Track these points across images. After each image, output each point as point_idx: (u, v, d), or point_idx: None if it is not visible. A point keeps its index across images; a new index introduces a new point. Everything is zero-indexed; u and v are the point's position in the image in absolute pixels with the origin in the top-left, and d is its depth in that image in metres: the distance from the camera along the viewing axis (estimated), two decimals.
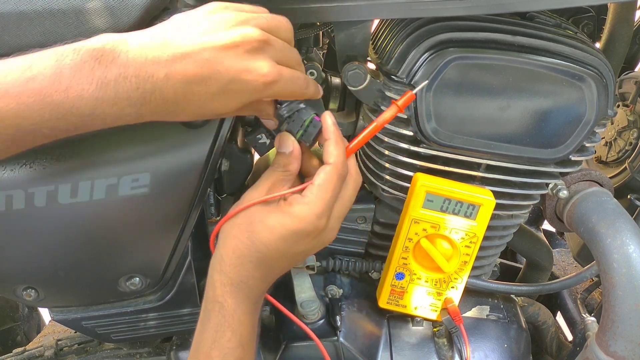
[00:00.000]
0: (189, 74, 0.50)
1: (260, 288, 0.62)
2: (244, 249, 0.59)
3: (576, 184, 0.82)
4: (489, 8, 0.66)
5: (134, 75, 0.49)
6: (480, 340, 0.84)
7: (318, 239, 0.61)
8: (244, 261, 0.59)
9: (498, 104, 0.70)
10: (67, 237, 0.67)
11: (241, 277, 0.60)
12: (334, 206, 0.61)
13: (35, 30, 0.58)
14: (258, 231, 0.58)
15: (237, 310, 0.59)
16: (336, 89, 0.83)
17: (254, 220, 0.59)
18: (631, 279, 0.69)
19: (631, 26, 0.90)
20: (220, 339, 0.59)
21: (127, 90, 0.49)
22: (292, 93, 0.58)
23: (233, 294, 0.59)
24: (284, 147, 0.62)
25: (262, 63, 0.52)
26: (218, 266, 0.60)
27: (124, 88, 0.49)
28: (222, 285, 0.60)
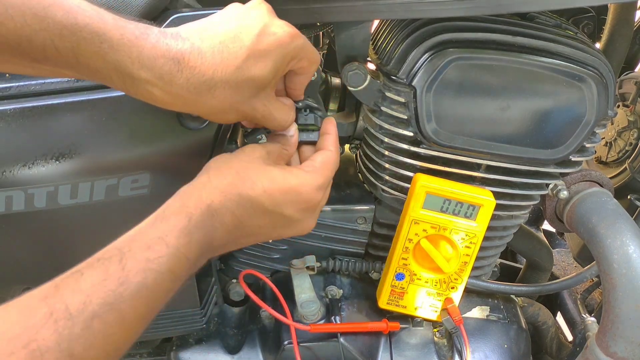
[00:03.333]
0: (220, 32, 0.51)
1: (223, 238, 0.55)
2: (240, 184, 0.54)
3: (576, 185, 0.82)
4: (489, 9, 0.66)
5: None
6: (480, 340, 0.83)
7: (305, 214, 0.59)
8: (231, 197, 0.54)
9: (498, 104, 0.70)
10: (67, 238, 0.67)
11: (219, 209, 0.53)
12: (324, 194, 0.60)
13: None
14: (260, 176, 0.55)
15: (191, 242, 0.51)
16: (336, 89, 0.83)
17: (257, 166, 0.56)
18: (631, 279, 0.69)
19: (631, 26, 0.90)
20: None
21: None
22: (313, 52, 0.58)
23: (202, 221, 0.52)
24: (286, 130, 0.62)
25: (280, 21, 0.54)
26: (200, 186, 0.54)
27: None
28: (195, 205, 0.52)
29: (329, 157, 0.60)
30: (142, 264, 0.46)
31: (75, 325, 0.41)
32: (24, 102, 0.58)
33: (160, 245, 0.48)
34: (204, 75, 0.50)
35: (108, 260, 0.45)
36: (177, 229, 0.50)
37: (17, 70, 0.50)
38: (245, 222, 0.55)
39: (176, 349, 0.84)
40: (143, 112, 0.61)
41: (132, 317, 0.45)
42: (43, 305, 0.41)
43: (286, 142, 0.62)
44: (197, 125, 0.63)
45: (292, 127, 0.62)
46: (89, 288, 0.43)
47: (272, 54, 0.53)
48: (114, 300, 0.44)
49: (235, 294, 0.88)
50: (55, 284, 0.43)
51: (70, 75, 0.53)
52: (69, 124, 0.60)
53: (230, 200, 0.53)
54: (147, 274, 0.46)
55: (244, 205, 0.54)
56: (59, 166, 0.61)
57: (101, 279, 0.44)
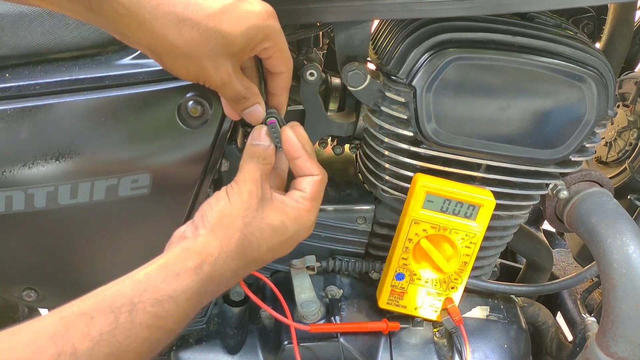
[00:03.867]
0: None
1: (223, 286, 0.56)
2: (247, 248, 0.57)
3: (576, 185, 0.82)
4: (489, 9, 0.66)
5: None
6: (480, 340, 0.83)
7: (302, 239, 0.62)
8: (241, 263, 0.56)
9: (498, 104, 0.70)
10: (67, 238, 0.67)
11: (228, 271, 0.55)
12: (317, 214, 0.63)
13: (34, 31, 0.58)
14: (263, 234, 0.57)
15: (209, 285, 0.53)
16: (336, 89, 0.83)
17: (259, 221, 0.58)
18: (631, 279, 0.69)
19: (631, 26, 0.90)
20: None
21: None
22: (284, 46, 0.58)
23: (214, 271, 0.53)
24: (261, 140, 0.61)
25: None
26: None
27: None
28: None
29: (319, 182, 0.61)
30: (151, 319, 0.47)
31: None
32: (24, 102, 0.58)
33: (170, 304, 0.49)
34: (175, 6, 0.49)
35: (119, 310, 0.46)
36: (189, 292, 0.50)
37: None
38: (249, 268, 0.58)
39: (176, 349, 0.84)
40: (143, 112, 0.61)
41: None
42: (51, 345, 0.41)
43: (265, 154, 0.61)
44: (197, 125, 0.63)
45: (263, 137, 0.61)
46: (98, 336, 0.44)
47: (247, 20, 0.53)
48: (119, 352, 0.44)
49: (235, 294, 0.88)
50: (65, 324, 0.43)
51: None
52: (69, 124, 0.60)
53: (238, 267, 0.56)
54: (153, 331, 0.47)
55: (251, 265, 0.58)
56: (59, 166, 0.61)
57: (111, 327, 0.44)
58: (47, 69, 0.60)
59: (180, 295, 0.50)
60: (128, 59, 0.61)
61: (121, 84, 0.60)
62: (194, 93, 0.61)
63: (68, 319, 0.44)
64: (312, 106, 0.77)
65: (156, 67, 0.61)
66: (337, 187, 0.86)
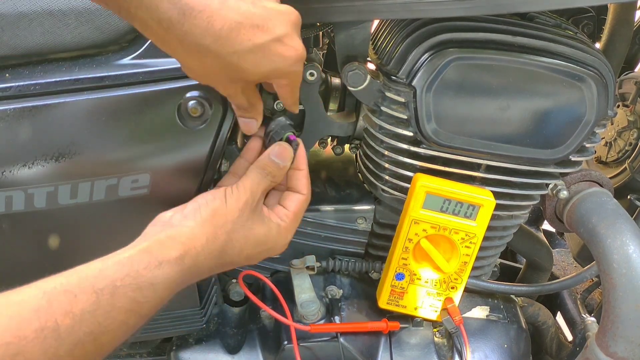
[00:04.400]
0: (243, 11, 0.50)
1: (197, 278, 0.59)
2: (229, 251, 0.59)
3: (576, 185, 0.82)
4: (489, 9, 0.66)
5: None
6: (480, 340, 0.83)
7: (262, 257, 0.65)
8: (221, 261, 0.59)
9: (498, 104, 0.70)
10: (67, 238, 0.67)
11: (207, 269, 0.58)
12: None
13: (34, 31, 0.58)
14: (247, 242, 0.60)
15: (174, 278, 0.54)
16: (336, 89, 0.83)
17: (246, 229, 0.60)
18: (631, 279, 0.69)
19: (631, 26, 0.90)
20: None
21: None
22: (298, 81, 0.60)
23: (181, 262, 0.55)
24: (282, 159, 0.63)
25: (299, 39, 0.55)
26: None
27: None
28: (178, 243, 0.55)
29: (303, 202, 0.65)
30: (130, 304, 0.49)
31: (60, 347, 0.43)
32: (24, 102, 0.58)
33: (149, 291, 0.50)
34: (203, 39, 0.49)
35: (101, 291, 0.47)
36: (168, 281, 0.52)
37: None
38: (222, 269, 0.61)
39: (176, 349, 0.84)
40: (143, 112, 0.61)
41: (107, 348, 0.48)
42: (35, 319, 0.43)
43: (278, 173, 0.64)
44: (197, 125, 0.63)
45: (286, 157, 0.64)
46: (80, 314, 0.45)
47: (272, 63, 0.54)
48: (98, 332, 0.46)
49: (235, 294, 0.88)
50: (48, 298, 0.44)
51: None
52: (69, 124, 0.60)
53: (216, 265, 0.58)
54: (130, 315, 0.49)
55: (227, 264, 0.60)
56: (59, 166, 0.61)
57: (93, 308, 0.46)
58: (47, 69, 0.60)
59: (160, 284, 0.51)
60: (128, 59, 0.61)
61: (121, 84, 0.60)
62: (194, 93, 0.61)
63: (51, 294, 0.45)
64: (312, 106, 0.77)
65: (156, 67, 0.61)
66: (337, 187, 0.86)
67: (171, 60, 0.61)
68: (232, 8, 0.49)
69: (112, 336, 0.48)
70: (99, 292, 0.47)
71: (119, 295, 0.48)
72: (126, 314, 0.48)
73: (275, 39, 0.52)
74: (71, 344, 0.44)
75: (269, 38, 0.51)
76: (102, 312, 0.46)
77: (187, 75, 0.59)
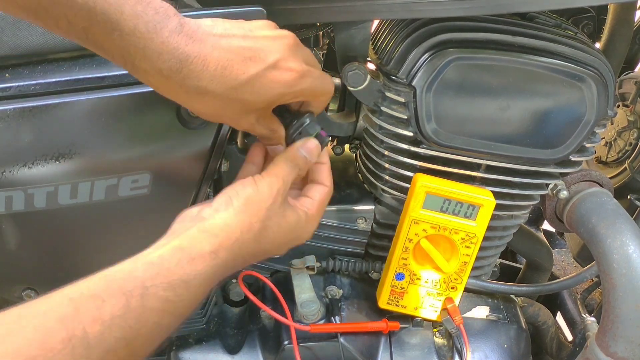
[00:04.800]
0: (233, 47, 0.52)
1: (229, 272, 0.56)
2: (262, 240, 0.57)
3: (576, 185, 0.82)
4: (489, 9, 0.66)
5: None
6: (480, 340, 0.83)
7: (291, 245, 0.63)
8: (253, 251, 0.57)
9: (498, 104, 0.70)
10: (67, 238, 0.67)
11: (240, 260, 0.56)
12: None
13: (34, 31, 0.58)
14: (279, 231, 0.58)
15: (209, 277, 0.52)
16: (336, 90, 0.83)
17: (279, 218, 0.58)
18: (631, 279, 0.69)
19: (631, 26, 0.90)
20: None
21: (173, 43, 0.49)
22: (322, 91, 0.60)
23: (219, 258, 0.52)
24: (311, 155, 0.62)
25: (297, 59, 0.56)
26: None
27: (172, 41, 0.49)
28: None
29: (327, 193, 0.64)
30: (163, 304, 0.46)
31: (90, 356, 0.41)
32: (24, 102, 0.58)
33: (182, 288, 0.48)
34: (199, 81, 0.51)
35: (130, 293, 0.45)
36: (202, 277, 0.50)
37: (27, 20, 0.50)
38: (256, 258, 0.59)
39: (176, 349, 0.84)
40: (143, 112, 0.61)
41: (141, 352, 0.46)
42: (61, 328, 0.41)
43: (305, 167, 0.62)
44: (197, 125, 0.63)
45: (314, 154, 0.62)
46: (109, 320, 0.43)
47: (271, 90, 0.54)
48: (130, 337, 0.44)
49: (235, 294, 0.88)
50: (75, 306, 0.42)
51: (77, 42, 0.52)
52: (69, 124, 0.60)
53: (250, 255, 0.56)
54: (163, 316, 0.47)
55: (260, 254, 0.58)
56: (59, 166, 0.61)
57: (122, 311, 0.44)
58: (47, 69, 0.60)
59: (194, 280, 0.49)
60: None
61: (121, 84, 0.60)
62: None
63: (78, 301, 0.43)
64: None
65: None
66: (337, 187, 0.86)
67: None
68: (223, 47, 0.51)
69: (146, 339, 0.46)
70: (128, 295, 0.45)
71: (149, 295, 0.46)
72: (159, 315, 0.46)
73: (269, 67, 0.53)
74: (102, 352, 0.42)
75: (262, 67, 0.53)
76: (133, 315, 0.44)
77: None
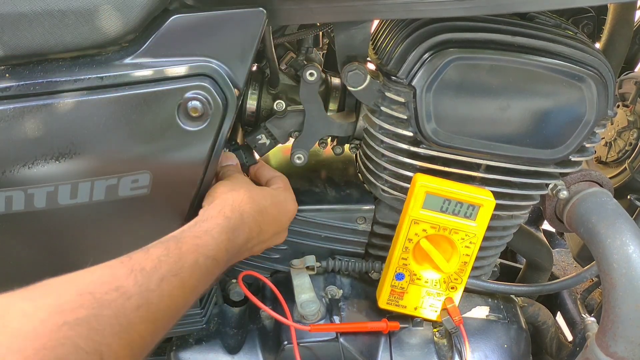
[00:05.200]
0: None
1: (247, 244, 0.67)
2: (255, 197, 0.68)
3: (576, 185, 0.82)
4: (489, 9, 0.66)
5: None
6: (480, 340, 0.83)
7: (288, 223, 0.76)
8: (255, 206, 0.68)
9: (498, 104, 0.70)
10: (67, 238, 0.67)
11: (247, 216, 0.66)
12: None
13: (34, 31, 0.58)
14: (263, 193, 0.71)
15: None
16: (336, 89, 0.83)
17: (255, 186, 0.72)
18: (631, 279, 0.69)
19: (631, 26, 0.90)
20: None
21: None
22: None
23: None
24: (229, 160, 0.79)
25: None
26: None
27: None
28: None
29: (279, 176, 0.78)
30: (194, 247, 0.57)
31: (150, 282, 0.51)
32: (24, 102, 0.58)
33: (207, 236, 0.59)
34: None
35: (167, 241, 0.56)
36: (219, 227, 0.61)
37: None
38: (263, 229, 0.69)
39: (176, 349, 0.84)
40: (143, 112, 0.61)
41: (189, 285, 0.55)
42: (123, 266, 0.51)
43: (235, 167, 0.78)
44: (197, 125, 0.63)
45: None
46: (157, 258, 0.53)
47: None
48: (177, 270, 0.54)
49: (235, 294, 0.88)
50: (127, 256, 0.53)
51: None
52: (69, 124, 0.60)
53: (254, 210, 0.67)
54: (198, 256, 0.57)
55: (262, 213, 0.68)
56: (59, 166, 0.61)
57: (164, 253, 0.54)
58: (47, 69, 0.60)
59: (213, 230, 0.60)
60: (128, 59, 0.61)
61: (121, 84, 0.60)
62: (194, 93, 0.61)
63: (128, 254, 0.53)
64: (312, 106, 0.77)
65: (156, 67, 0.61)
66: (337, 187, 0.86)
67: (171, 60, 0.61)
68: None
69: (190, 273, 0.55)
70: (165, 243, 0.56)
71: (182, 242, 0.57)
72: (194, 255, 0.56)
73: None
74: (158, 279, 0.52)
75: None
76: (174, 254, 0.55)
77: (187, 75, 0.61)
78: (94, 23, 0.58)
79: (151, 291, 0.50)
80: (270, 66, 0.77)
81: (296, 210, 0.77)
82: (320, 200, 0.83)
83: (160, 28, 0.60)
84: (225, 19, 0.61)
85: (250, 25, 0.62)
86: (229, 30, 0.62)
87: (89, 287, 0.47)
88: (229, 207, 0.64)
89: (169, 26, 0.60)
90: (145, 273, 0.51)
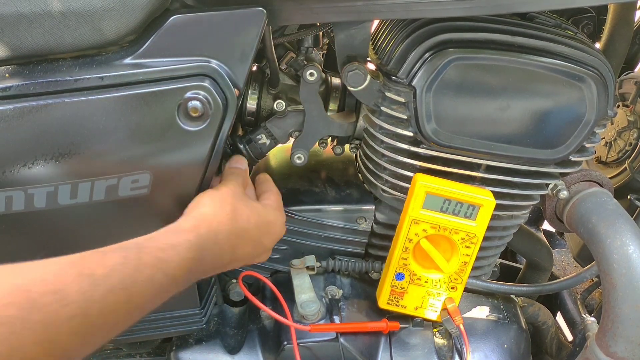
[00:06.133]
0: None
1: (215, 262, 0.63)
2: (239, 218, 0.65)
3: (576, 185, 0.82)
4: (489, 9, 0.66)
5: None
6: (480, 340, 0.83)
7: (273, 244, 0.72)
8: (232, 229, 0.64)
9: (498, 104, 0.70)
10: (67, 238, 0.67)
11: (222, 238, 0.62)
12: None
13: (34, 32, 0.58)
14: (251, 211, 0.67)
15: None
16: (336, 89, 0.83)
17: (246, 202, 0.68)
18: (631, 279, 0.69)
19: (631, 26, 0.90)
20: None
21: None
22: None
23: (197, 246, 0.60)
24: (239, 163, 0.76)
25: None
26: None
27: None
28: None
29: (275, 193, 0.74)
30: (155, 261, 0.53)
31: (96, 291, 0.47)
32: (24, 102, 0.58)
33: (172, 251, 0.55)
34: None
35: (128, 248, 0.52)
36: (188, 243, 0.57)
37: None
38: (237, 251, 0.65)
39: (176, 349, 0.84)
40: (143, 112, 0.61)
41: (137, 302, 0.51)
42: (72, 267, 0.48)
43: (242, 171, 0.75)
44: (197, 125, 0.63)
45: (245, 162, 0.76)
46: (111, 266, 0.49)
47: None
48: (129, 283, 0.50)
49: (235, 294, 0.88)
50: (80, 255, 0.49)
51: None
52: (69, 124, 0.60)
53: (231, 232, 0.63)
54: (156, 271, 0.53)
55: (240, 236, 0.65)
56: (59, 166, 0.61)
57: (121, 262, 0.50)
58: (47, 69, 0.60)
59: (180, 246, 0.56)
60: (128, 59, 0.61)
61: (121, 84, 0.60)
62: (194, 93, 0.61)
63: (83, 254, 0.50)
64: (312, 106, 0.77)
65: (156, 67, 0.61)
66: (337, 187, 0.86)
67: (171, 60, 0.61)
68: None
69: (142, 289, 0.51)
70: (126, 250, 0.52)
71: (143, 253, 0.53)
72: (152, 270, 0.52)
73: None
74: (105, 290, 0.48)
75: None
76: (131, 265, 0.51)
77: (187, 75, 0.60)
78: (95, 24, 0.58)
79: (93, 302, 0.47)
80: (270, 66, 0.77)
81: (283, 233, 0.73)
82: (320, 200, 0.83)
83: (160, 28, 0.60)
84: (225, 19, 0.61)
85: (250, 25, 0.62)
86: (229, 30, 0.62)
87: (28, 284, 0.44)
88: (205, 225, 0.60)
89: (169, 26, 0.60)
90: (93, 280, 0.47)
